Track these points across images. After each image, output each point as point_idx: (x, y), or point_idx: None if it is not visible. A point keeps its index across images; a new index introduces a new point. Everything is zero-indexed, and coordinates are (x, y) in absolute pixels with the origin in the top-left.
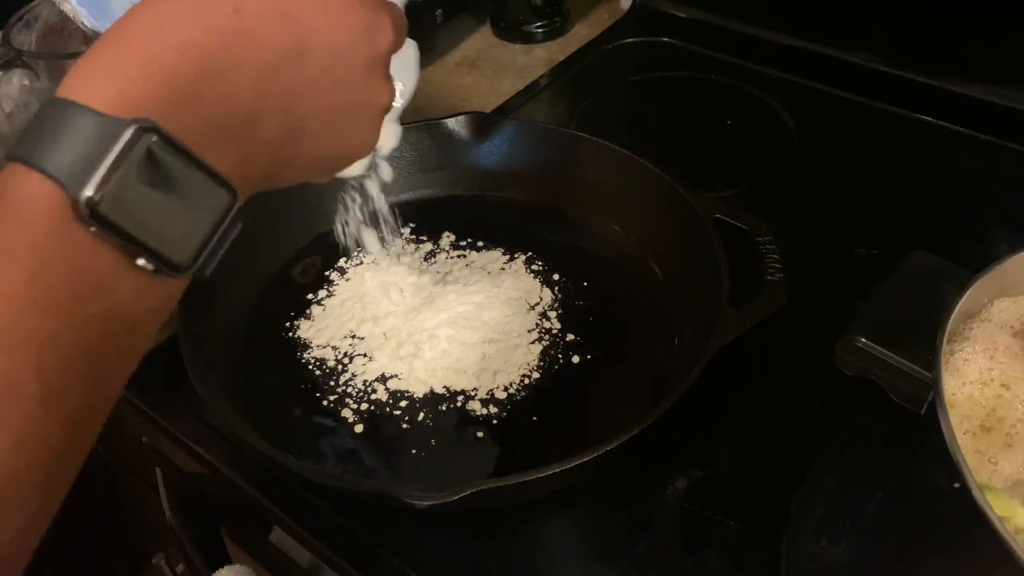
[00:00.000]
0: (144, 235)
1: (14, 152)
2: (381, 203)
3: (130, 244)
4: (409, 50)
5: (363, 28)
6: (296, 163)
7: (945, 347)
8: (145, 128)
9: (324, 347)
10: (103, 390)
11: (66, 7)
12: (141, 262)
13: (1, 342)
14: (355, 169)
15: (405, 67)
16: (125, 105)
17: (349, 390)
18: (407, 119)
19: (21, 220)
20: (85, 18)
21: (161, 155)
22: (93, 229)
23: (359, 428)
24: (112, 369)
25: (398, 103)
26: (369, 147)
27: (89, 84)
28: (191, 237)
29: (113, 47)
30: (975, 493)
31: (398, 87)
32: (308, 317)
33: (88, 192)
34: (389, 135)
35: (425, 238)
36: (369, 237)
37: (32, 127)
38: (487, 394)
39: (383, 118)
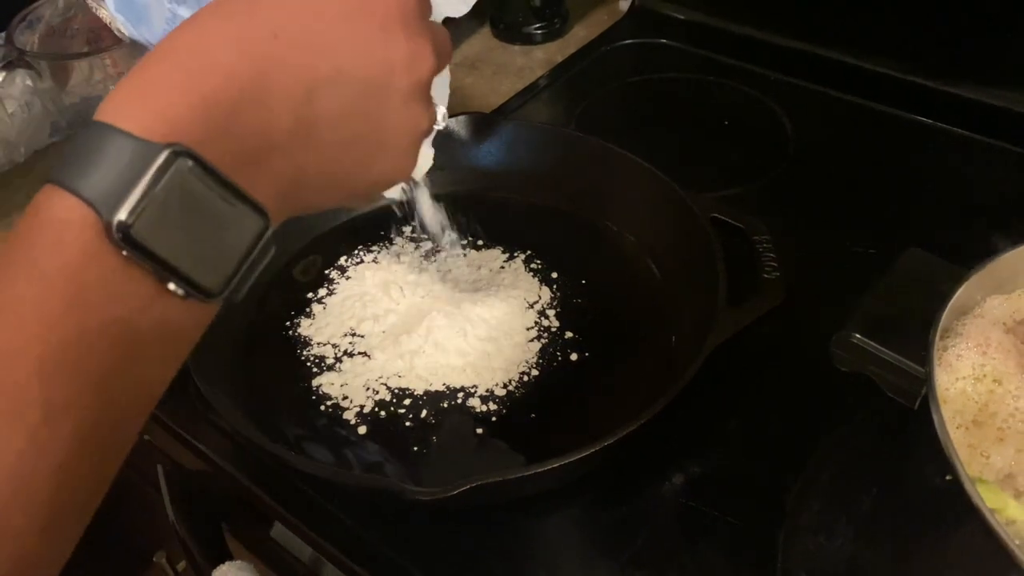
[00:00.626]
0: (176, 259)
1: (50, 174)
2: (431, 214)
3: (162, 268)
4: (445, 71)
5: (403, 57)
6: (331, 189)
7: (938, 343)
8: (179, 152)
9: (324, 345)
10: (128, 416)
11: (103, 13)
12: (172, 286)
13: (20, 360)
14: (392, 193)
15: (441, 86)
16: (161, 129)
17: (350, 388)
18: None
19: (55, 243)
20: (122, 25)
21: (195, 180)
22: (125, 253)
23: (360, 425)
24: (138, 395)
25: (439, 126)
26: (406, 173)
27: (126, 108)
28: (223, 262)
29: (152, 71)
30: (967, 486)
31: (439, 111)
32: (309, 315)
33: (121, 216)
34: (425, 158)
35: (425, 237)
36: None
37: (68, 150)
38: (487, 391)
39: (421, 143)
